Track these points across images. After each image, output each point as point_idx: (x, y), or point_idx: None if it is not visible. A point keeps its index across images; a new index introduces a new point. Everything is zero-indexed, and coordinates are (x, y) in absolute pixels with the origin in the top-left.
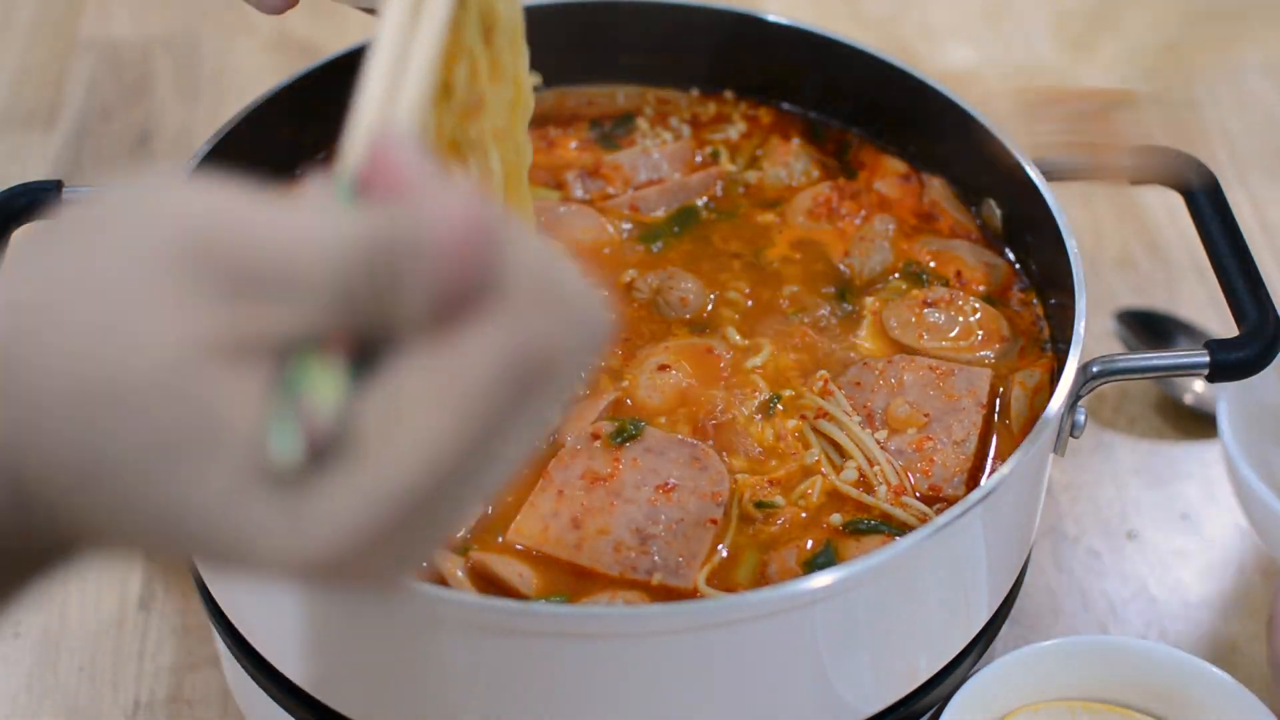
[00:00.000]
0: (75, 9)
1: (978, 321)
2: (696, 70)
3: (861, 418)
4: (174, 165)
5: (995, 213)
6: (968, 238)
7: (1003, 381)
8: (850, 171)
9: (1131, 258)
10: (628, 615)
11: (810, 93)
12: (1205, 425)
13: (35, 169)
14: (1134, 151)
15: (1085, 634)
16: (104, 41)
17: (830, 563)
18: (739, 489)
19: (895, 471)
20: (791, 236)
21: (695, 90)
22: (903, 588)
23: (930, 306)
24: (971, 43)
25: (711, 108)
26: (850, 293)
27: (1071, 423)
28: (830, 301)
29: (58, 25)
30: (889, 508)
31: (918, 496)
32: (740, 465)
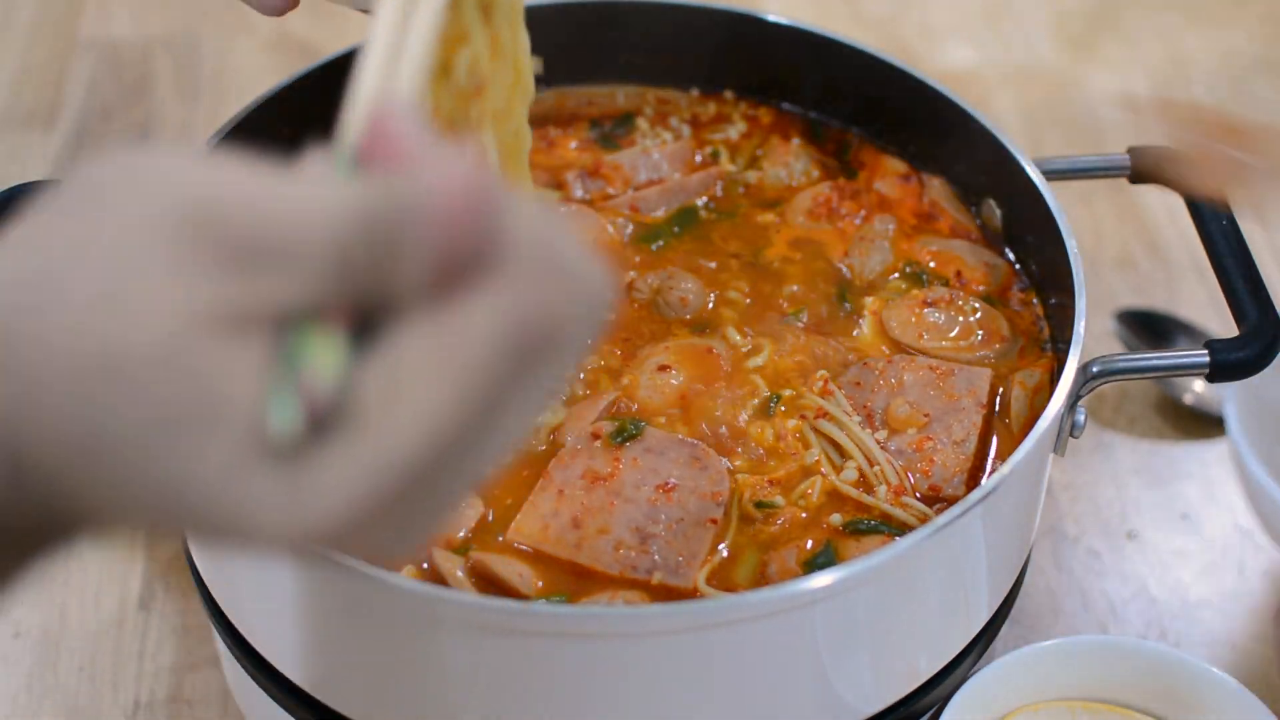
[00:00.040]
0: (75, 9)
1: (978, 321)
2: (696, 70)
3: (861, 418)
4: (172, 139)
5: (995, 213)
6: (968, 238)
7: (1003, 381)
8: (850, 171)
9: (1131, 258)
10: (628, 615)
11: (810, 93)
12: (1205, 425)
13: (35, 169)
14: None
15: (1085, 634)
16: (104, 41)
17: (830, 563)
18: (739, 489)
19: (895, 471)
20: (791, 236)
21: (695, 90)
22: (903, 588)
23: (930, 306)
24: (971, 43)
25: (711, 108)
26: (850, 293)
27: (1071, 423)
28: (830, 301)
29: (58, 25)
30: (889, 508)
31: (918, 496)
32: (740, 465)
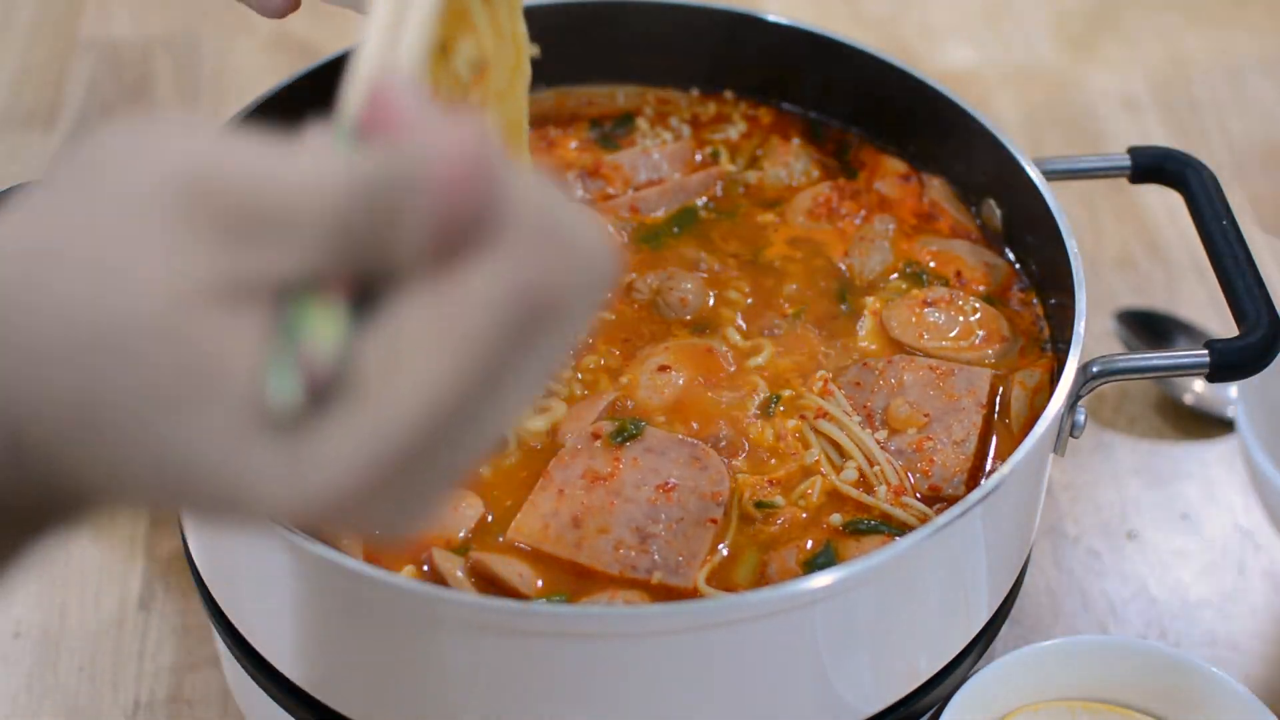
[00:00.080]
0: (75, 9)
1: (978, 321)
2: (696, 70)
3: (861, 418)
4: (170, 111)
5: (995, 213)
6: (968, 238)
7: (1003, 381)
8: (850, 171)
9: (1131, 258)
10: (628, 615)
11: (810, 93)
12: (1205, 425)
13: (35, 169)
14: None
15: (1085, 634)
16: (104, 41)
17: (830, 563)
18: (739, 489)
19: (895, 471)
20: (791, 236)
21: (695, 90)
22: (903, 588)
23: (930, 306)
24: (971, 43)
25: (711, 108)
26: (850, 293)
27: (1071, 423)
28: (830, 301)
29: (58, 25)
30: (889, 508)
31: (918, 496)
32: (740, 465)
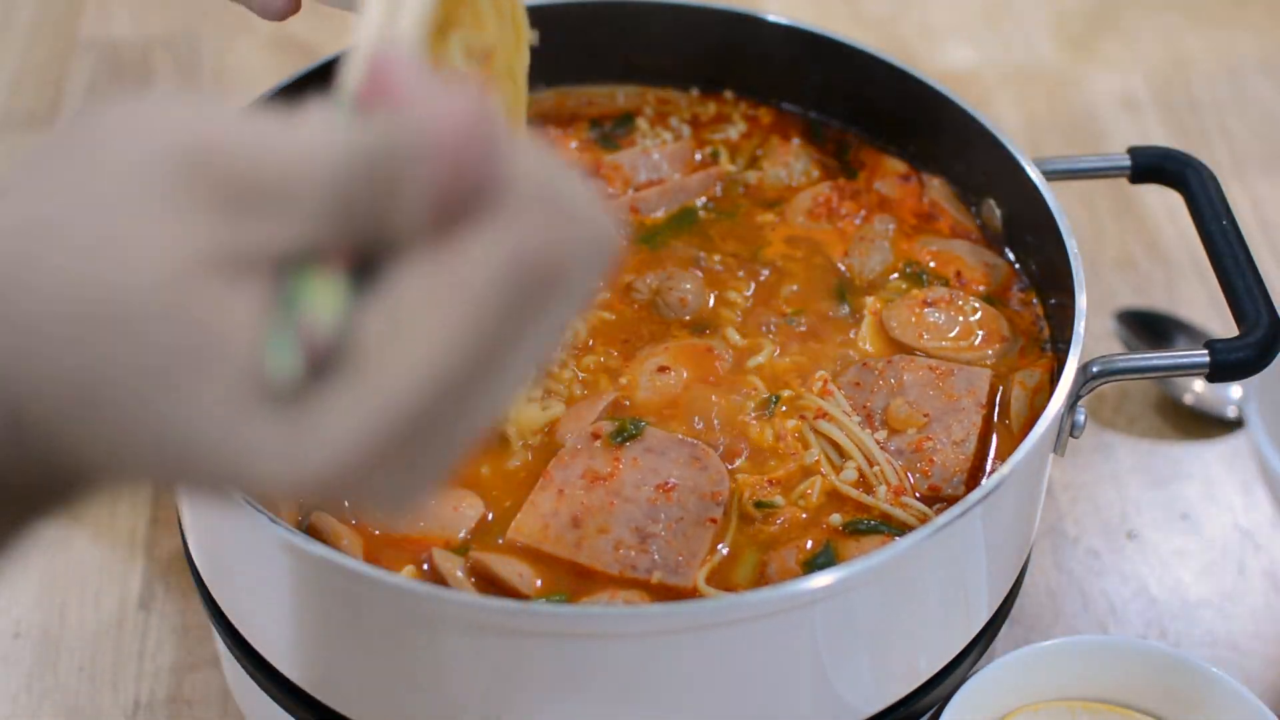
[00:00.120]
0: (75, 9)
1: (978, 321)
2: (696, 70)
3: (861, 418)
4: (169, 84)
5: (995, 213)
6: (968, 238)
7: (1003, 381)
8: (850, 171)
9: (1131, 258)
10: (628, 615)
11: (810, 93)
12: (1205, 425)
13: None
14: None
15: (1085, 634)
16: (104, 41)
17: (830, 563)
18: (739, 489)
19: (895, 471)
20: (791, 236)
21: (695, 90)
22: (903, 588)
23: (930, 306)
24: (971, 43)
25: (711, 108)
26: (850, 293)
27: (1071, 423)
28: (830, 302)
29: (58, 25)
30: (889, 508)
31: (918, 496)
32: (740, 465)
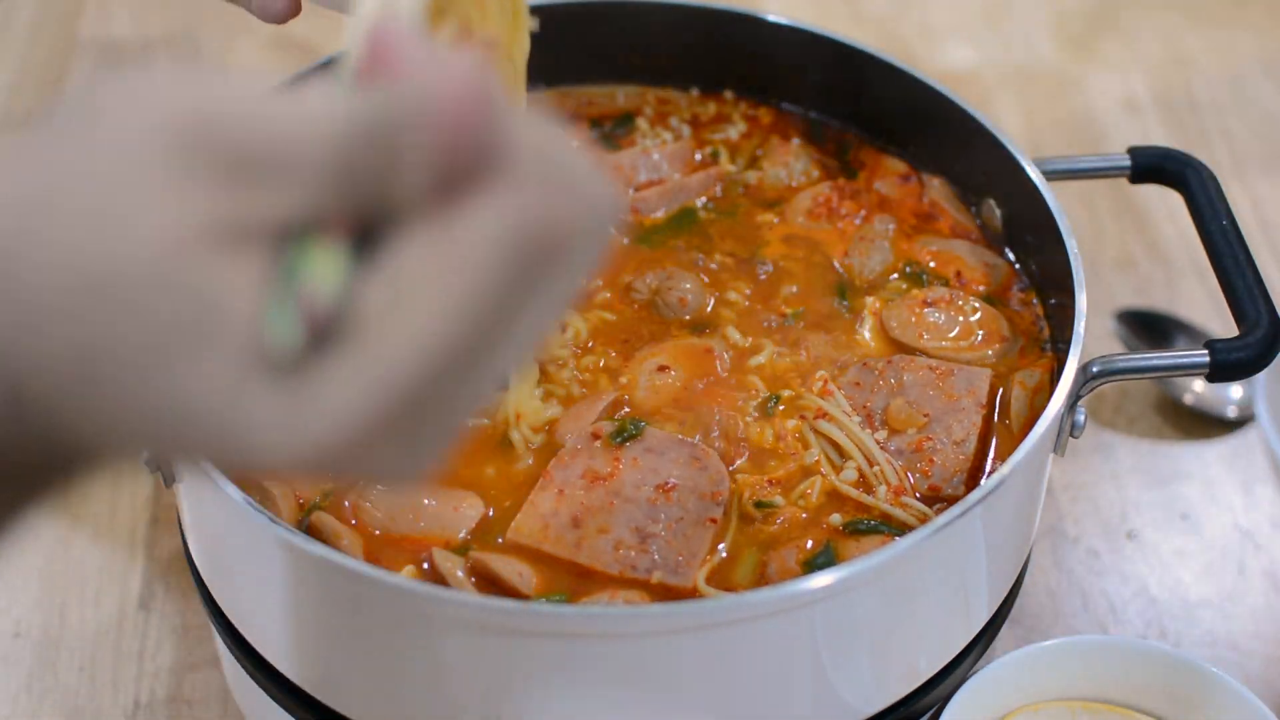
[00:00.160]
0: (75, 9)
1: (978, 321)
2: (696, 70)
3: (861, 418)
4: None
5: (995, 213)
6: (968, 238)
7: (1003, 381)
8: (850, 171)
9: (1131, 258)
10: (628, 615)
11: (810, 93)
12: (1205, 425)
13: None
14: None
15: (1085, 634)
16: (104, 41)
17: (830, 563)
18: (739, 489)
19: (895, 471)
20: (791, 236)
21: (695, 90)
22: (903, 588)
23: (930, 306)
24: (971, 43)
25: (711, 108)
26: (850, 293)
27: (1071, 423)
28: (830, 302)
29: (58, 25)
30: (889, 508)
31: (918, 496)
32: (740, 465)
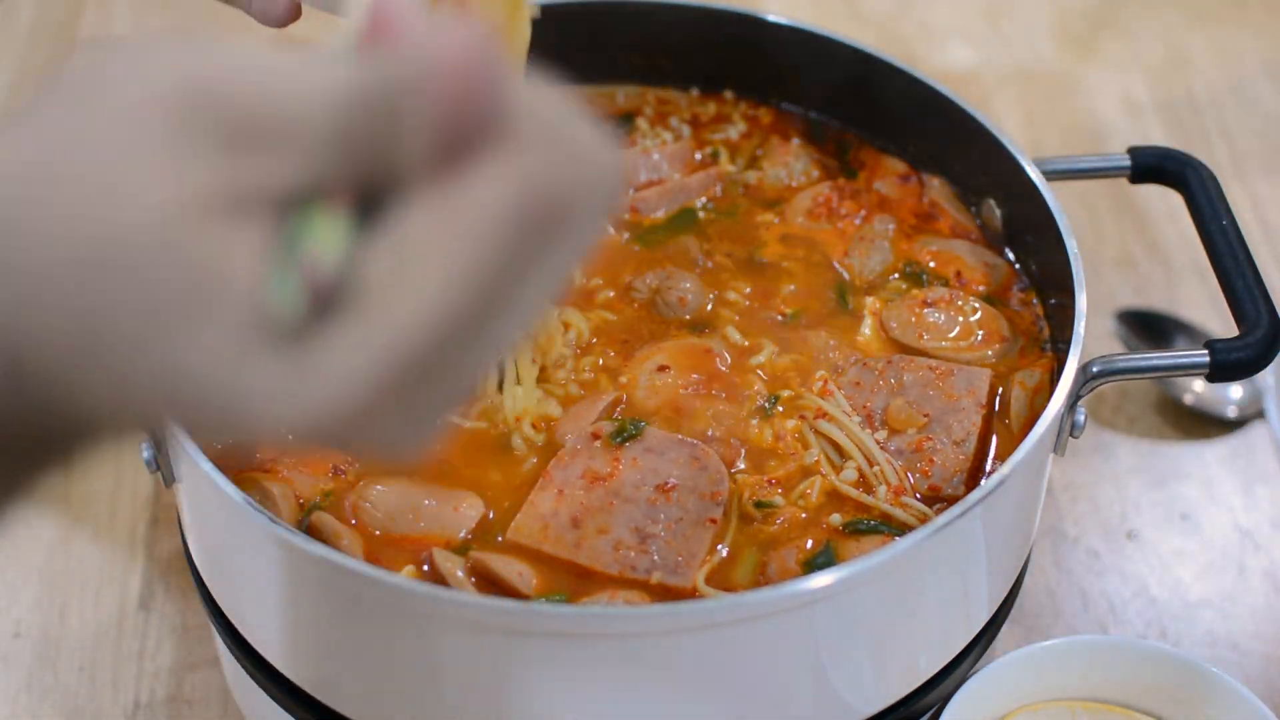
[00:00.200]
0: (75, 9)
1: (978, 321)
2: (696, 70)
3: (861, 418)
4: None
5: (995, 213)
6: (968, 238)
7: (1003, 381)
8: (850, 171)
9: (1131, 258)
10: (628, 615)
11: (810, 93)
12: (1205, 425)
13: None
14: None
15: (1085, 634)
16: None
17: (830, 563)
18: (739, 489)
19: (895, 471)
20: (791, 236)
21: (695, 90)
22: (903, 588)
23: (930, 306)
24: (971, 43)
25: (711, 108)
26: (850, 293)
27: (1071, 423)
28: (830, 301)
29: (58, 25)
30: (889, 508)
31: (918, 496)
32: (740, 465)
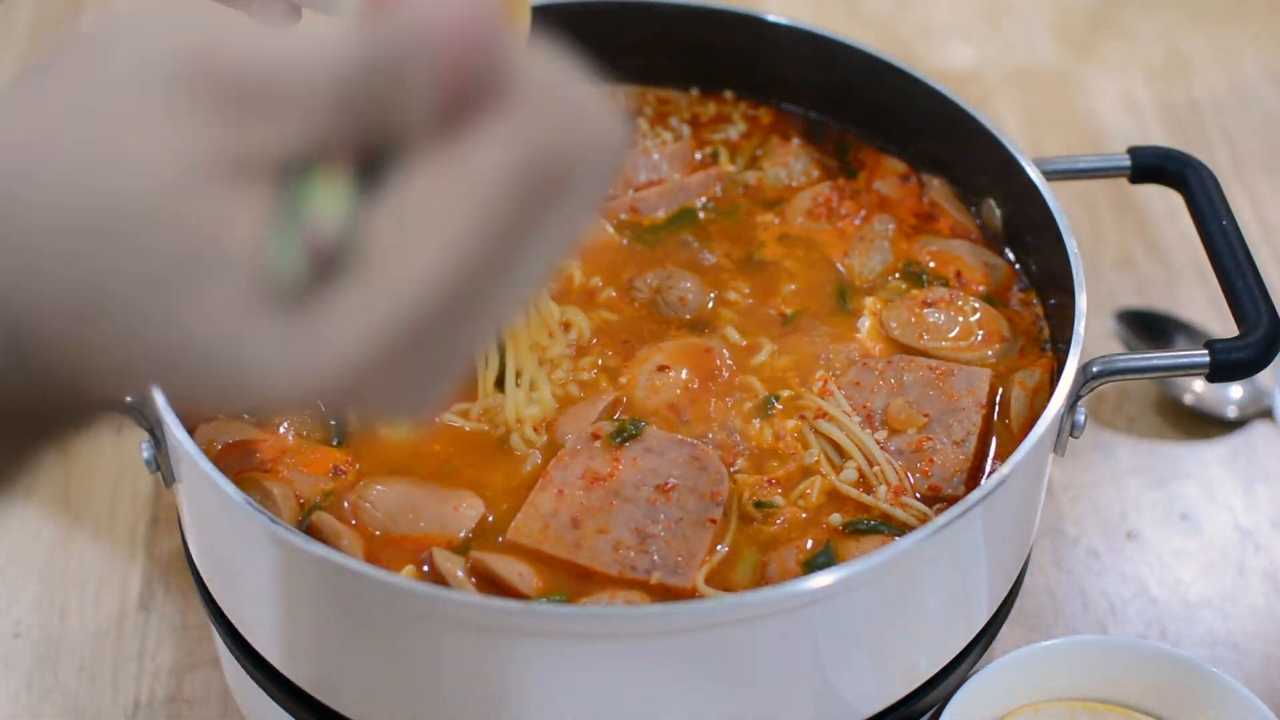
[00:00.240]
0: (75, 9)
1: (978, 321)
2: (696, 70)
3: (861, 418)
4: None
5: (995, 213)
6: (968, 238)
7: (1003, 381)
8: (850, 171)
9: (1131, 258)
10: (628, 615)
11: (810, 93)
12: (1205, 425)
13: None
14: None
15: (1085, 634)
16: None
17: (830, 563)
18: (739, 489)
19: (895, 471)
20: (791, 236)
21: (695, 90)
22: (903, 588)
23: (930, 306)
24: (971, 42)
25: (711, 108)
26: (850, 293)
27: (1071, 423)
28: (830, 301)
29: (58, 25)
30: (889, 508)
31: (918, 496)
32: (740, 465)
